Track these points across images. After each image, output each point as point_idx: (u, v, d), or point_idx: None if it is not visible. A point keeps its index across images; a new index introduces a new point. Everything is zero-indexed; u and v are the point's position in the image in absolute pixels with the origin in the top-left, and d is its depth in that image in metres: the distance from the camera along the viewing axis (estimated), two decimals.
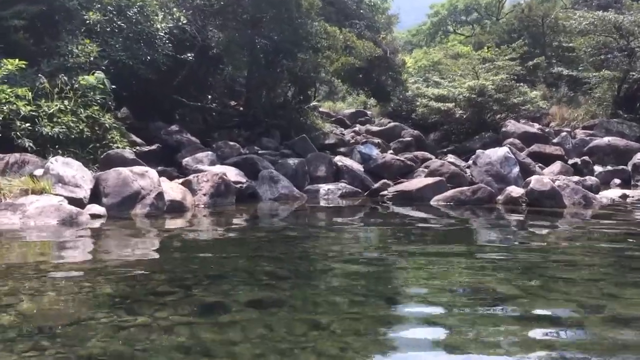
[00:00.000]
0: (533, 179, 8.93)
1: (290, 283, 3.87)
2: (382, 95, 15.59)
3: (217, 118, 14.67)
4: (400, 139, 16.24)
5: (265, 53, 12.28)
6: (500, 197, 9.20)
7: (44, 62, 9.07)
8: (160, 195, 7.34)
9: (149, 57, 10.25)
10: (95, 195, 7.18)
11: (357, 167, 11.25)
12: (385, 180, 10.56)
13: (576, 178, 10.44)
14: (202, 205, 8.20)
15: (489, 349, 2.59)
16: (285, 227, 7.12)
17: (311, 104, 16.11)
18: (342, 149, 14.27)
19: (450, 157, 12.92)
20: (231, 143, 11.82)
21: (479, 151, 11.15)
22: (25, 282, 3.62)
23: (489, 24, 28.68)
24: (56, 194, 6.72)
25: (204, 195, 8.30)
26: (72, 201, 6.74)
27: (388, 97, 15.75)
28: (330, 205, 9.55)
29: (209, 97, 14.96)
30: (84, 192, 6.99)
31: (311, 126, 14.32)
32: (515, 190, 9.08)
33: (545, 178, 9.07)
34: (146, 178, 7.38)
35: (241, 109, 15.06)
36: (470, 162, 11.47)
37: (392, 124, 17.67)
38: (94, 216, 6.71)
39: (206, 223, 7.30)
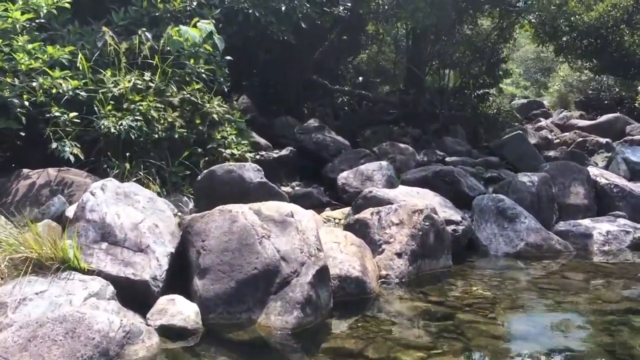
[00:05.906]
0: None
1: None
2: (623, 68, 10.25)
3: (355, 112, 10.48)
4: (629, 137, 11.23)
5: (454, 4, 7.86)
6: None
7: (119, 12, 5.42)
8: (322, 275, 3.14)
9: (283, 7, 6.31)
10: (180, 269, 3.24)
11: (637, 188, 6.36)
12: None
13: None
14: (396, 279, 3.95)
15: None
16: None
17: (494, 90, 11.35)
18: (550, 153, 9.58)
19: None
20: (402, 146, 7.55)
21: None
22: None
23: None
24: (91, 270, 2.86)
25: (398, 255, 4.03)
26: (127, 288, 2.84)
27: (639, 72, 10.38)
28: (621, 263, 4.80)
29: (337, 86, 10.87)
30: (153, 266, 3.02)
31: (507, 119, 9.63)
32: None
33: None
34: (290, 230, 3.24)
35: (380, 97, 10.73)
36: None
37: (610, 115, 12.49)
38: (169, 332, 2.74)
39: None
